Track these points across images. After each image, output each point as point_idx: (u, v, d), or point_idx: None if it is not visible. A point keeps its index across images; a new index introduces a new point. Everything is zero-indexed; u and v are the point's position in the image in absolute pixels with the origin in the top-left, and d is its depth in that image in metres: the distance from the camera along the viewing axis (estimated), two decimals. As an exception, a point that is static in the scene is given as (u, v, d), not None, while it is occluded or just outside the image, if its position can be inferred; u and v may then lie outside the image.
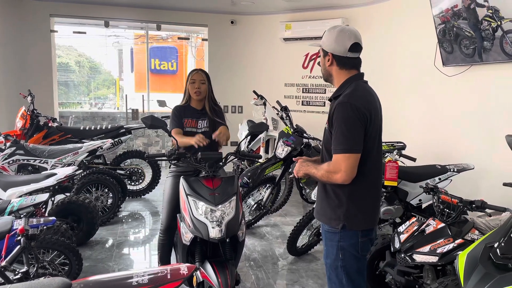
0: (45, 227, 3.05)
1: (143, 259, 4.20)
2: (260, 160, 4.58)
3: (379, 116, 2.13)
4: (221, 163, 2.89)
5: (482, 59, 4.05)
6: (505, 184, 2.89)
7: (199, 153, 2.80)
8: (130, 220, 5.15)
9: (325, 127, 2.18)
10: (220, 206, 2.56)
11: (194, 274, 2.51)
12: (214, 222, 2.50)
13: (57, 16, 7.13)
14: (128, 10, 7.25)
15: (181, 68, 14.72)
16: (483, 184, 4.22)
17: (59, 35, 7.67)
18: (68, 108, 10.37)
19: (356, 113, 1.97)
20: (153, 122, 2.84)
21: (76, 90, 12.87)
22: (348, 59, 2.11)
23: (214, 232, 2.48)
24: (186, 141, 3.09)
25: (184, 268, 1.66)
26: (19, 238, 2.44)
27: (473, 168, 3.97)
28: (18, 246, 2.41)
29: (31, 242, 2.47)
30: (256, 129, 3.15)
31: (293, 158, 2.35)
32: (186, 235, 2.63)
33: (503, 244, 2.07)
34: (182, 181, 2.77)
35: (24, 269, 2.41)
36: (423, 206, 4.01)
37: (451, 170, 3.85)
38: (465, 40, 4.17)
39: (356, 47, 2.09)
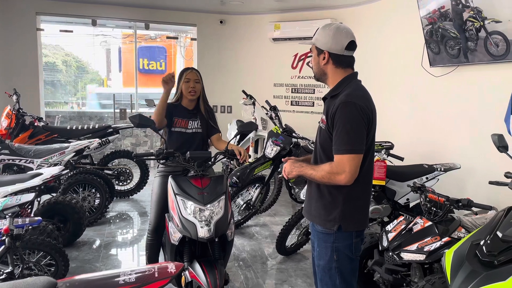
0: (30, 227, 3.00)
1: (130, 260, 4.16)
2: (249, 160, 4.58)
3: (376, 117, 2.11)
4: (210, 163, 2.88)
5: (468, 59, 4.10)
6: (491, 183, 2.93)
7: (188, 152, 2.79)
8: (117, 220, 5.10)
9: (320, 126, 2.13)
10: (208, 205, 2.55)
11: (182, 273, 2.50)
12: (203, 222, 2.49)
13: (44, 14, 7.02)
14: (116, 9, 7.18)
15: (170, 68, 14.61)
16: (470, 183, 4.27)
17: (46, 34, 7.56)
18: (55, 108, 10.23)
19: (361, 112, 1.94)
20: (141, 121, 2.81)
21: (63, 90, 12.69)
22: (345, 58, 2.08)
23: (203, 232, 2.46)
24: (160, 102, 3.10)
25: (172, 266, 1.64)
26: (3, 238, 2.40)
27: (460, 167, 4.03)
28: (3, 246, 2.37)
29: (16, 242, 2.44)
30: (245, 128, 3.15)
31: (282, 159, 2.34)
32: (175, 235, 2.62)
33: (489, 241, 2.10)
34: (170, 180, 2.75)
35: (9, 269, 2.37)
36: (411, 205, 4.05)
37: (438, 169, 3.90)
38: (450, 41, 4.22)
39: (352, 45, 2.07)
